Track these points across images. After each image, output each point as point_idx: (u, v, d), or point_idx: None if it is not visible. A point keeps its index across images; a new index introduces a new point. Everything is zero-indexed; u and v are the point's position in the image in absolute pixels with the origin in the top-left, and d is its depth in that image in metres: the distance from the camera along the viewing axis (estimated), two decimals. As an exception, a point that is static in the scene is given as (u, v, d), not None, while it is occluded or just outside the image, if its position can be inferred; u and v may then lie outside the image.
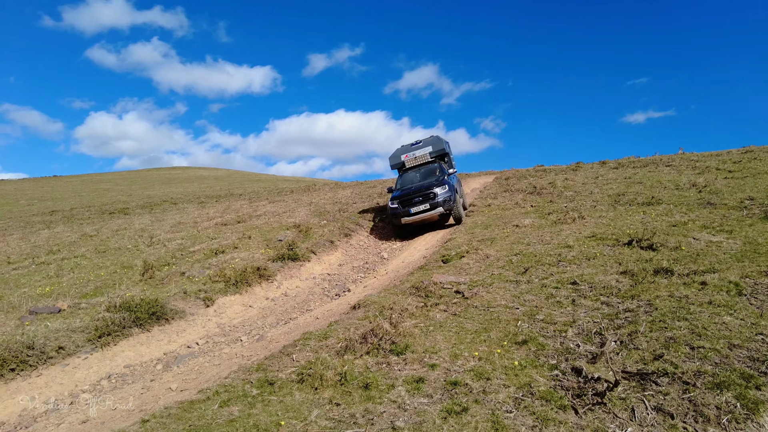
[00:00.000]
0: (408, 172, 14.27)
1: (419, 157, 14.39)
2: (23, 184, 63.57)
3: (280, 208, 18.17)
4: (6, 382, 5.27)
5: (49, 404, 5.18)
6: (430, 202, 11.78)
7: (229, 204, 22.58)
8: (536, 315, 4.80)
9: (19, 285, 9.26)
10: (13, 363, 5.44)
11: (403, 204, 12.15)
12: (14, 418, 4.90)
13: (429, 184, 12.28)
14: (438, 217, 11.99)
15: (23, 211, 32.24)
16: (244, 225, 14.23)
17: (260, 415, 3.34)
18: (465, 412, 3.13)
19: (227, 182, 53.07)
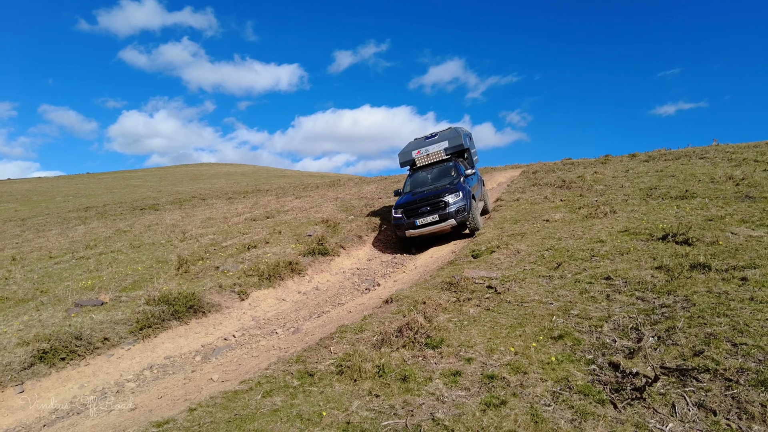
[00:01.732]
0: (419, 172, 12.51)
1: (432, 154, 12.46)
2: (59, 181, 65.74)
3: (307, 203, 18.39)
4: (58, 370, 5.54)
5: (97, 392, 5.43)
6: (440, 212, 10.18)
7: (256, 199, 22.94)
8: (571, 310, 4.79)
9: (63, 279, 9.64)
10: (64, 352, 5.71)
11: (407, 214, 10.52)
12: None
13: (439, 191, 10.64)
14: (450, 229, 10.46)
15: (60, 208, 33.39)
16: (273, 220, 14.47)
17: (302, 405, 3.45)
18: (504, 404, 3.17)
19: (254, 178, 53.86)
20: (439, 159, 12.40)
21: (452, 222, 10.11)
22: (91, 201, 36.33)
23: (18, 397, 5.21)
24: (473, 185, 11.56)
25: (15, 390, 5.26)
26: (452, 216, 10.11)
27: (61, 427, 4.50)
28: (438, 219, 10.15)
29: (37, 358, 5.58)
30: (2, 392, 5.20)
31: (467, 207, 10.20)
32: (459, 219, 10.11)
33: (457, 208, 10.15)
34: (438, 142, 12.66)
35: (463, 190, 10.47)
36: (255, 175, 61.28)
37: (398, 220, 10.68)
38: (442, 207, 10.23)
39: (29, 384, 5.37)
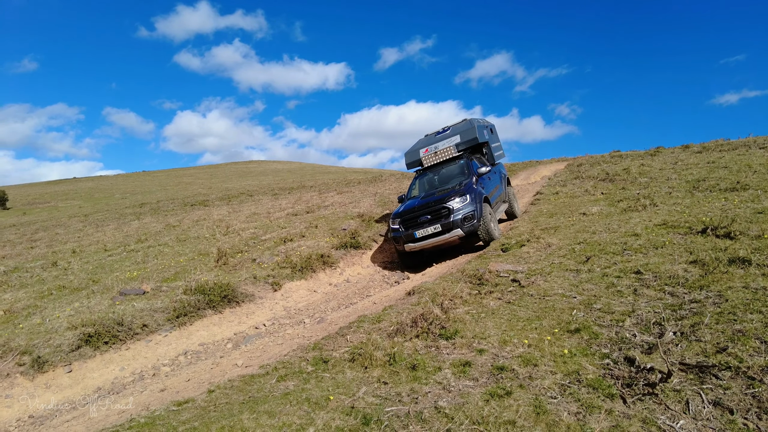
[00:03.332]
0: (427, 173, 10.82)
1: (441, 152, 10.61)
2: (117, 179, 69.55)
3: (347, 198, 18.65)
4: (101, 353, 5.95)
5: (136, 374, 5.79)
6: (443, 221, 8.59)
7: (300, 195, 23.47)
8: (593, 304, 4.68)
9: (113, 270, 10.27)
10: (107, 337, 6.11)
11: (406, 224, 8.97)
12: (108, 384, 5.54)
13: (443, 195, 8.98)
14: (458, 240, 8.81)
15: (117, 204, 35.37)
16: (313, 215, 14.77)
17: (313, 389, 3.57)
18: (508, 395, 3.17)
19: (299, 175, 55.04)
20: (449, 156, 10.60)
21: (458, 232, 8.54)
22: (146, 197, 38.23)
23: (66, 376, 5.64)
24: (491, 186, 10.09)
25: (64, 369, 5.70)
26: (458, 225, 8.53)
27: (102, 405, 4.84)
28: (441, 229, 8.62)
29: (83, 341, 6.02)
30: (53, 371, 5.65)
31: (477, 213, 8.60)
32: (467, 228, 8.51)
33: (464, 215, 8.56)
34: (448, 138, 10.91)
35: (472, 193, 8.87)
36: (301, 171, 62.59)
37: (396, 232, 9.13)
38: (445, 214, 8.66)
39: (76, 365, 5.80)
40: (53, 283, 9.54)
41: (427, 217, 8.83)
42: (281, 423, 3.03)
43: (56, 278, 10.14)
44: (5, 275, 11.14)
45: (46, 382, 5.52)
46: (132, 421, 3.53)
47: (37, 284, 9.75)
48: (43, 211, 38.65)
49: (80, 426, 4.11)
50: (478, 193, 9.00)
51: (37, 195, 53.44)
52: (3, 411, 4.98)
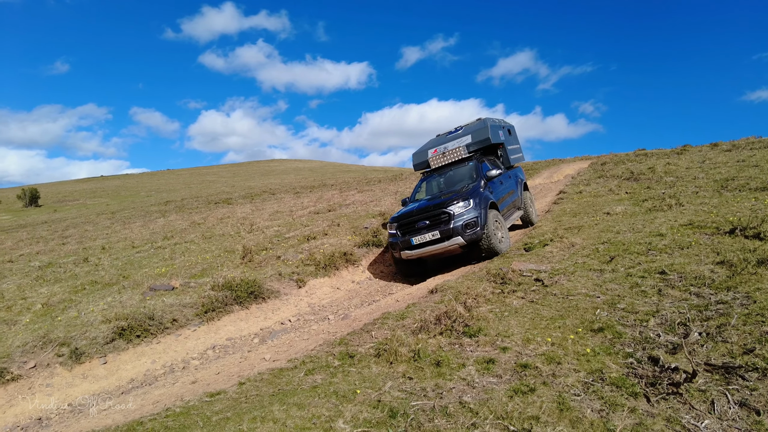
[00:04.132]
0: (433, 175, 10.14)
1: (450, 153, 9.81)
2: (143, 177, 71.06)
3: (368, 197, 18.79)
4: (134, 346, 6.17)
5: (167, 367, 5.99)
6: (442, 227, 7.82)
7: (321, 194, 23.70)
8: (617, 304, 4.69)
9: (142, 266, 10.58)
10: (139, 330, 6.34)
11: (403, 230, 8.26)
12: (140, 376, 5.75)
13: (444, 199, 8.21)
14: (460, 249, 8.04)
15: (143, 202, 36.18)
16: (334, 213, 14.94)
17: (340, 383, 3.68)
18: (532, 392, 3.22)
19: (320, 173, 55.47)
20: (458, 158, 9.75)
21: (459, 240, 7.74)
22: (171, 195, 39.00)
23: (102, 368, 5.88)
24: (502, 191, 9.38)
25: (99, 361, 5.94)
26: (458, 232, 7.73)
27: (135, 395, 5.05)
28: (440, 236, 7.85)
29: (117, 334, 6.25)
30: (89, 362, 5.89)
31: (480, 220, 7.76)
32: (469, 236, 7.72)
33: (465, 221, 7.74)
34: (459, 138, 10.16)
35: (476, 197, 8.05)
36: (322, 170, 63.06)
37: (393, 237, 8.42)
38: (445, 220, 7.87)
39: (111, 357, 6.03)
40: (85, 278, 9.87)
41: (425, 222, 8.05)
42: (311, 415, 3.15)
43: (88, 273, 10.49)
44: (41, 270, 11.57)
45: (83, 372, 5.76)
46: (168, 410, 3.69)
47: (71, 279, 10.10)
48: (72, 208, 39.81)
49: (118, 415, 4.30)
50: (484, 198, 8.17)
51: (66, 193, 55.03)
52: (44, 399, 5.23)
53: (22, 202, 43.25)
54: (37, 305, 7.95)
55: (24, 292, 9.12)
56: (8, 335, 6.56)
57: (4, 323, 7.08)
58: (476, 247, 8.06)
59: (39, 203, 43.54)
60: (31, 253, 15.14)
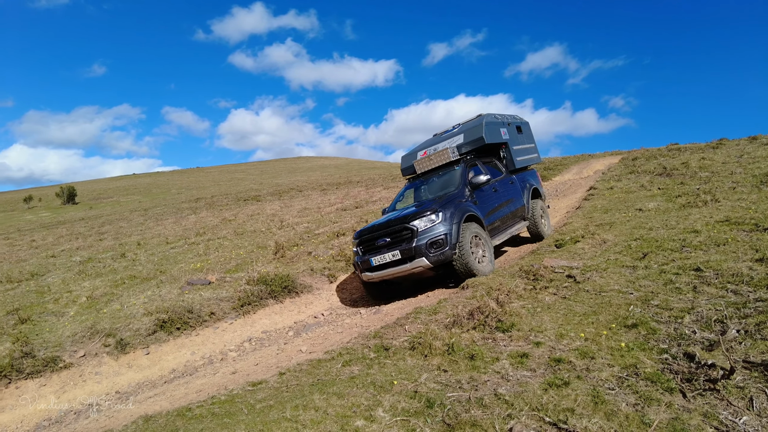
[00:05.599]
0: (419, 182, 8.93)
1: (436, 156, 8.54)
2: (174, 175, 72.76)
3: (394, 194, 18.89)
4: (174, 338, 6.44)
5: (206, 358, 6.23)
6: (404, 246, 6.68)
7: (348, 191, 23.93)
8: (651, 300, 4.68)
9: (177, 261, 10.94)
10: (179, 323, 6.60)
11: (363, 248, 7.17)
12: (181, 366, 6.00)
13: (409, 212, 7.05)
14: (431, 272, 6.90)
15: (174, 199, 37.09)
16: (362, 210, 15.11)
17: (377, 374, 3.81)
18: (566, 385, 3.28)
19: (346, 170, 55.84)
20: (444, 161, 8.47)
21: (423, 262, 6.56)
22: (201, 193, 39.86)
23: (145, 358, 6.15)
24: (494, 200, 8.10)
25: (143, 352, 6.22)
26: (422, 252, 6.55)
27: (177, 384, 5.29)
28: (400, 256, 6.68)
29: (158, 326, 6.53)
30: (134, 352, 6.18)
31: (450, 238, 6.59)
32: (435, 257, 6.55)
33: (430, 239, 6.56)
34: (452, 138, 8.97)
35: (448, 210, 6.84)
36: (347, 167, 63.45)
37: (356, 255, 7.38)
38: (407, 238, 6.71)
39: (153, 348, 6.31)
40: (124, 273, 10.28)
41: (385, 239, 6.91)
42: (350, 403, 3.28)
43: (126, 268, 10.91)
44: (82, 265, 12.07)
45: (128, 362, 6.05)
46: (213, 398, 3.89)
47: (110, 274, 10.53)
48: (107, 205, 41.12)
49: (164, 401, 4.52)
50: (460, 210, 6.97)
51: (101, 190, 56.83)
52: (94, 386, 5.53)
53: (60, 199, 44.89)
54: (82, 298, 8.34)
55: (68, 286, 9.56)
56: (58, 326, 6.93)
57: (53, 314, 7.47)
58: (446, 270, 6.99)
59: (76, 201, 45.11)
60: (71, 248, 15.78)
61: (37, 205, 44.37)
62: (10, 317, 7.46)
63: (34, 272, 11.43)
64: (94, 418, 4.63)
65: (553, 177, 19.55)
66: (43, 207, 43.31)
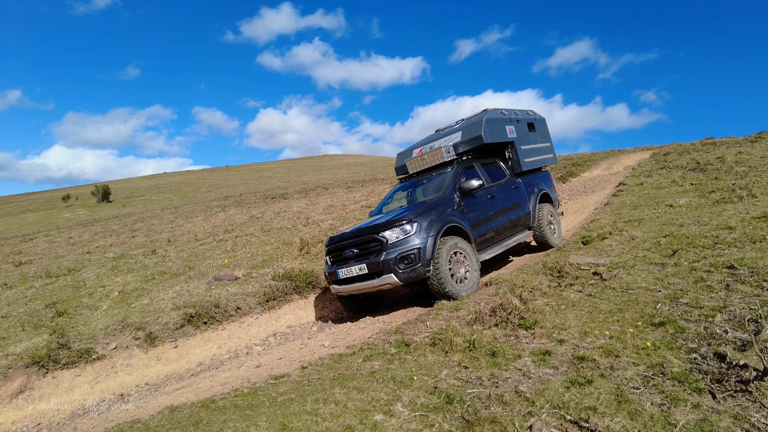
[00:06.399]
0: (410, 183, 8.23)
1: (430, 155, 7.76)
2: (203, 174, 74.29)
3: (419, 190, 18.84)
4: (201, 332, 6.58)
5: (231, 352, 6.35)
6: (371, 259, 6.06)
7: (372, 188, 23.99)
8: (680, 298, 4.54)
9: (205, 257, 11.17)
10: (205, 317, 6.74)
11: (332, 258, 6.62)
12: (208, 360, 6.14)
13: (381, 221, 6.41)
14: (406, 289, 6.38)
15: (204, 197, 37.85)
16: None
17: (397, 370, 3.81)
18: (589, 384, 3.22)
19: (371, 168, 55.96)
20: (438, 162, 7.71)
21: (392, 278, 5.90)
22: (230, 191, 40.57)
23: (173, 351, 6.32)
24: (488, 207, 7.29)
25: (171, 345, 6.38)
26: (390, 267, 5.89)
27: (203, 377, 5.42)
28: (366, 271, 6.07)
29: (186, 320, 6.69)
30: (162, 346, 6.35)
31: (423, 252, 5.85)
32: (404, 274, 5.85)
33: (401, 253, 5.88)
34: (450, 135, 8.21)
35: (425, 219, 6.12)
36: (372, 164, 63.59)
37: (326, 265, 6.83)
38: (376, 250, 6.08)
39: (181, 341, 6.47)
40: (155, 269, 10.55)
41: (353, 251, 6.30)
42: (370, 398, 3.30)
43: (156, 264, 11.19)
44: (115, 261, 12.45)
45: (157, 355, 6.22)
46: (236, 390, 3.96)
47: (141, 269, 10.82)
48: (139, 203, 42.27)
49: (190, 393, 4.64)
50: (440, 220, 6.22)
51: (134, 189, 58.46)
52: (125, 378, 5.71)
53: (95, 198, 46.38)
54: (114, 293, 8.60)
55: (102, 281, 9.88)
56: (91, 319, 7.17)
57: (87, 308, 7.74)
58: (419, 288, 6.31)
59: (110, 199, 46.52)
60: (105, 245, 16.30)
61: (74, 204, 45.98)
62: (48, 310, 7.77)
63: (71, 268, 11.85)
64: (124, 409, 4.78)
65: (581, 173, 19.18)
66: (80, 205, 44.84)
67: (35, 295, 9.07)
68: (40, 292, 9.35)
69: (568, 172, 18.74)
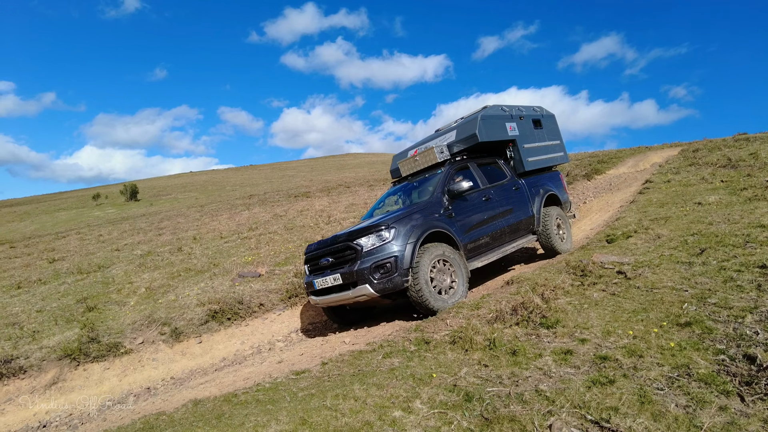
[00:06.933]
0: (402, 186, 7.85)
1: (422, 156, 7.39)
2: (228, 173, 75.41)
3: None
4: (225, 327, 6.70)
5: (254, 348, 6.45)
6: (346, 269, 5.71)
7: (393, 186, 23.97)
8: (708, 298, 4.42)
9: (230, 255, 11.35)
10: (229, 314, 6.86)
11: (310, 266, 6.32)
12: (231, 355, 6.25)
13: (358, 227, 6.12)
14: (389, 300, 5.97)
15: (229, 196, 38.42)
16: (407, 205, 15.11)
17: (416, 367, 3.82)
18: (611, 384, 3.17)
19: (392, 165, 55.95)
20: (430, 163, 7.30)
21: (367, 289, 5.52)
22: (254, 190, 41.08)
23: (197, 347, 6.45)
24: (482, 212, 6.85)
25: (195, 340, 6.52)
26: (365, 276, 5.51)
27: (227, 372, 5.52)
28: (341, 281, 5.72)
29: (210, 316, 6.82)
30: (187, 341, 6.49)
31: (401, 261, 5.47)
32: (380, 284, 5.48)
33: (376, 261, 5.51)
34: (445, 134, 7.77)
35: (406, 225, 5.73)
36: (394, 162, 63.58)
37: (305, 276, 6.52)
38: (351, 258, 5.73)
39: (205, 337, 6.60)
40: (180, 266, 10.77)
41: (328, 259, 5.95)
42: (389, 394, 3.32)
43: (182, 261, 11.42)
44: (142, 258, 12.76)
45: (182, 350, 6.36)
46: (258, 385, 4.03)
47: (168, 266, 11.06)
48: (166, 202, 43.16)
49: (214, 387, 4.73)
50: (422, 226, 5.81)
51: (161, 188, 59.72)
52: (151, 372, 5.86)
53: (124, 196, 47.55)
54: (141, 289, 8.82)
55: (130, 277, 10.13)
56: (120, 314, 7.37)
57: (116, 304, 7.95)
58: (399, 299, 5.93)
59: (138, 197, 47.63)
60: (133, 242, 16.70)
61: (104, 202, 47.25)
62: (79, 305, 8.02)
63: (101, 264, 12.19)
64: (150, 401, 4.91)
65: (607, 170, 18.80)
66: (109, 204, 46.06)
67: (67, 290, 9.36)
68: (71, 287, 9.65)
69: (593, 169, 18.40)
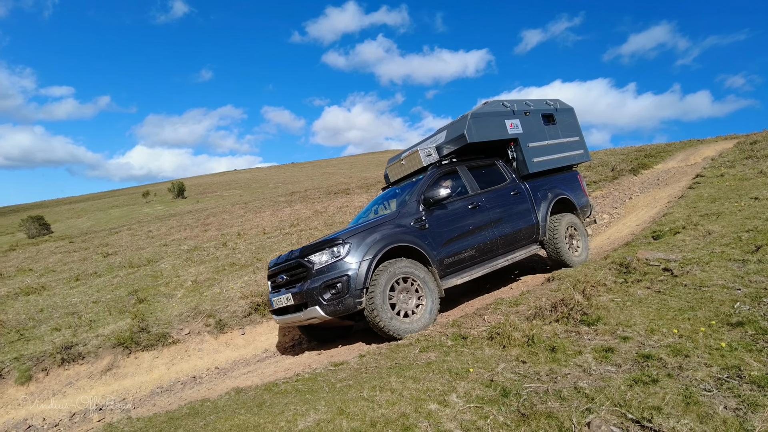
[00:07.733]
0: (390, 191, 7.27)
1: (408, 161, 6.79)
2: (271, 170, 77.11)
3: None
4: (267, 320, 6.93)
5: (295, 340, 6.59)
6: (297, 288, 5.26)
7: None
8: (763, 298, 4.21)
9: (273, 250, 11.63)
10: (266, 310, 7.05)
11: (272, 282, 5.85)
12: (272, 347, 6.50)
13: (312, 243, 5.50)
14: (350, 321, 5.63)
15: (272, 193, 39.29)
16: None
17: (453, 362, 3.82)
18: (654, 383, 3.08)
19: (431, 162, 55.73)
20: (418, 167, 6.68)
21: (317, 311, 5.02)
22: (295, 187, 41.84)
23: (241, 338, 6.66)
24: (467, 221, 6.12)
25: (239, 332, 6.74)
26: (314, 297, 5.03)
27: (268, 363, 5.69)
28: (293, 301, 5.25)
29: (253, 309, 7.03)
30: (231, 332, 6.72)
31: (354, 281, 4.93)
32: (330, 306, 4.97)
33: (326, 280, 5.01)
34: (434, 136, 7.21)
35: (364, 239, 5.18)
36: (433, 159, 63.32)
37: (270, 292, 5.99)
38: (303, 277, 5.27)
39: (248, 329, 6.81)
40: (225, 261, 11.12)
41: (283, 277, 5.56)
42: (425, 388, 3.34)
43: (227, 256, 11.79)
44: (189, 253, 13.25)
45: (226, 341, 6.59)
46: (298, 375, 4.14)
47: (213, 261, 11.45)
48: (211, 199, 44.57)
49: (256, 377, 4.89)
50: (383, 240, 5.21)
51: (206, 185, 61.71)
52: (198, 361, 6.11)
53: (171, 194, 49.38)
54: (188, 282, 9.18)
55: (177, 271, 10.55)
56: (168, 306, 7.71)
57: (164, 296, 8.31)
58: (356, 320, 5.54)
59: (185, 195, 49.37)
60: (180, 238, 17.36)
61: (153, 200, 49.26)
62: (130, 297, 8.43)
63: (150, 259, 12.75)
64: (196, 389, 5.12)
65: (654, 165, 18.09)
66: (158, 201, 47.95)
67: (120, 283, 9.85)
68: (123, 280, 10.14)
69: (640, 164, 17.74)
